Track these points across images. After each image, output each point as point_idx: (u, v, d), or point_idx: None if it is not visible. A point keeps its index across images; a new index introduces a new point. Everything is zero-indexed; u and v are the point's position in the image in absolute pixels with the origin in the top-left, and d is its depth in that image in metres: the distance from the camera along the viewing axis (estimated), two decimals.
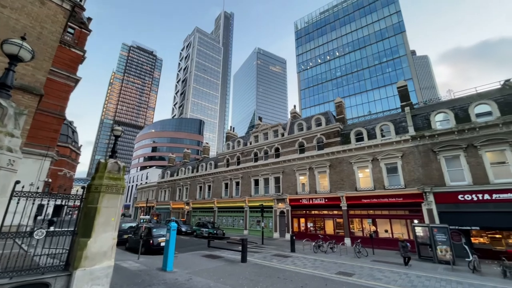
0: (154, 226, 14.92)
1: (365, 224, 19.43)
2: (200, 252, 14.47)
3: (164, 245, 9.82)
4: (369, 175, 19.85)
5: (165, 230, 11.63)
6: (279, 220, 24.83)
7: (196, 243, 19.60)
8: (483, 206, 14.62)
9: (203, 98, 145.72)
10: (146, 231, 14.04)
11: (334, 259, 13.33)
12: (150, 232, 14.00)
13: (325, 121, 24.57)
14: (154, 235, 13.80)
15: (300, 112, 60.82)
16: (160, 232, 14.14)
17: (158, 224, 20.32)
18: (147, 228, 14.29)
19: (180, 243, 18.35)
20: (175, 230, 10.00)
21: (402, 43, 51.20)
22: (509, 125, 14.70)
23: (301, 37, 71.43)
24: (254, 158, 29.90)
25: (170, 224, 9.96)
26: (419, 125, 18.42)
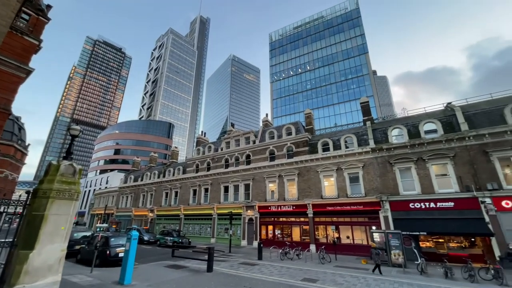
0: (112, 235, 13.74)
1: (329, 230, 20.29)
2: (163, 263, 13.67)
3: (123, 255, 9.07)
4: (334, 183, 20.93)
5: (125, 239, 10.78)
6: (247, 228, 24.69)
7: (159, 252, 18.48)
8: (430, 214, 16.34)
9: (174, 100, 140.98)
10: (102, 240, 12.85)
11: (300, 266, 13.61)
12: (107, 241, 12.84)
13: (295, 131, 25.47)
14: (112, 245, 12.68)
15: (272, 120, 62.20)
16: (119, 241, 13.05)
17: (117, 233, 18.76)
18: (104, 238, 13.09)
19: (141, 253, 17.14)
20: (136, 239, 9.32)
21: (365, 63, 56.06)
22: (450, 142, 16.85)
23: (275, 48, 73.88)
24: (224, 164, 29.57)
25: (131, 232, 9.27)
26: (378, 138, 20.11)
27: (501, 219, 14.37)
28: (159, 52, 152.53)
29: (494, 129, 15.59)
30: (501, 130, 15.41)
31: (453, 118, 17.62)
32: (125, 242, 9.44)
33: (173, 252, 14.39)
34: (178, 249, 16.99)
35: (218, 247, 21.73)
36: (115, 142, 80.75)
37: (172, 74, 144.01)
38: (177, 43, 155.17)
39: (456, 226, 15.18)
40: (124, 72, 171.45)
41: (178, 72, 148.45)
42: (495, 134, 15.59)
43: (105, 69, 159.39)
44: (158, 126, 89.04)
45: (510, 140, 15.14)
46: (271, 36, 76.69)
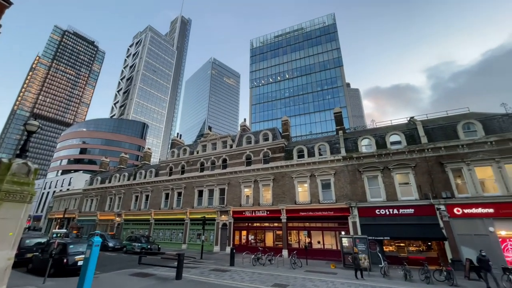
0: (71, 242, 12.66)
1: (301, 236, 20.71)
2: (129, 271, 12.88)
3: (82, 264, 8.38)
4: (307, 189, 21.52)
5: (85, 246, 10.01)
6: (221, 233, 24.28)
7: (125, 260, 17.40)
8: (393, 219, 17.47)
9: (149, 100, 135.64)
10: (59, 247, 11.76)
11: (271, 271, 13.67)
12: (65, 248, 11.80)
13: (272, 137, 25.86)
14: (70, 253, 11.67)
15: (250, 126, 62.55)
16: (79, 248, 12.06)
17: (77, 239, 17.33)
18: (62, 244, 12.01)
19: (105, 261, 15.99)
20: (99, 245, 8.68)
21: (339, 76, 59.19)
22: (412, 153, 18.31)
23: (255, 55, 74.94)
24: (200, 168, 28.96)
25: (93, 238, 8.64)
26: (349, 147, 21.19)
27: (453, 225, 15.82)
28: (136, 49, 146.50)
29: (448, 143, 17.29)
30: (454, 144, 17.13)
31: (415, 131, 19.21)
32: (86, 249, 8.75)
33: (140, 259, 13.63)
34: (146, 256, 16.15)
35: (189, 253, 21.04)
36: (82, 141, 75.21)
37: (149, 73, 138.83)
38: (155, 41, 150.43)
39: (415, 231, 16.40)
40: (95, 67, 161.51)
41: (155, 71, 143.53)
42: (449, 148, 17.28)
43: (74, 62, 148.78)
44: (131, 125, 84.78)
45: (462, 154, 16.88)
46: (252, 43, 77.73)
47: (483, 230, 15.14)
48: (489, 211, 15.21)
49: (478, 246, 14.95)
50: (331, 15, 67.91)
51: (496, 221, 15.06)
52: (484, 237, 15.00)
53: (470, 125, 17.38)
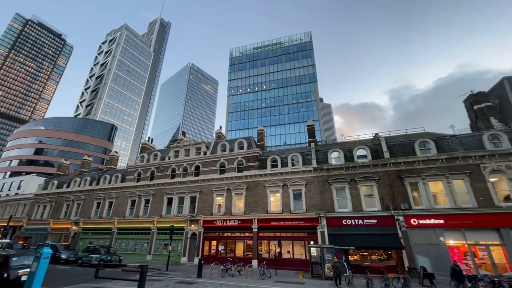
0: (14, 253, 11.23)
1: (272, 245, 20.75)
2: (83, 286, 11.73)
3: (27, 279, 7.47)
4: (279, 199, 21.82)
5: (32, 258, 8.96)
6: (189, 243, 23.35)
7: (80, 273, 15.82)
8: (358, 229, 18.38)
9: (120, 101, 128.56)
10: (0, 260, 10.37)
11: (240, 283, 13.43)
12: (6, 261, 10.41)
13: (247, 146, 25.99)
14: (12, 266, 10.31)
15: (226, 133, 62.26)
16: (24, 261, 10.72)
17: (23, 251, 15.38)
18: (2, 256, 10.60)
19: (56, 275, 14.38)
20: (48, 257, 7.82)
21: (314, 90, 62.30)
22: (376, 167, 19.67)
23: (234, 64, 75.80)
24: (171, 174, 27.89)
25: (42, 250, 7.78)
26: (320, 159, 22.10)
27: (410, 234, 17.10)
28: (109, 47, 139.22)
29: (407, 159, 18.93)
30: (412, 160, 18.81)
31: (379, 147, 20.74)
32: (32, 262, 7.84)
33: (97, 273, 12.50)
34: (104, 268, 14.87)
35: (154, 265, 19.83)
36: (38, 140, 68.19)
37: (122, 73, 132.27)
38: (131, 41, 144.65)
39: (377, 240, 17.41)
40: (61, 61, 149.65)
41: (129, 71, 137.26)
42: (408, 163, 18.92)
43: (36, 55, 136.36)
44: (97, 126, 79.14)
45: (418, 169, 18.56)
46: (231, 52, 78.61)
47: (435, 239, 16.59)
48: (440, 222, 16.78)
49: (431, 254, 16.32)
50: (308, 33, 71.73)
51: (445, 231, 16.62)
52: (435, 246, 16.42)
53: (425, 144, 19.27)
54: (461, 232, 16.31)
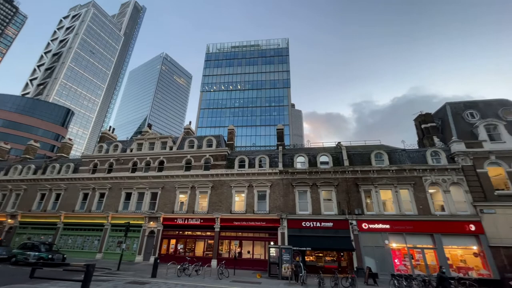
0: None
1: (232, 245, 20.79)
2: (13, 287, 10.43)
3: None
4: (244, 199, 21.98)
5: None
6: (146, 241, 22.22)
7: (11, 273, 14.03)
8: (315, 232, 19.39)
9: (81, 84, 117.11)
10: None
11: (197, 282, 13.22)
12: None
13: (216, 144, 25.69)
14: None
15: (196, 130, 60.73)
16: None
17: None
18: None
19: None
20: None
21: (286, 96, 64.26)
22: (336, 173, 21.00)
23: (210, 60, 74.44)
24: (132, 168, 26.26)
25: None
26: (286, 162, 22.84)
27: (360, 237, 18.58)
28: (72, 23, 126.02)
29: (364, 168, 20.57)
30: (367, 169, 20.49)
31: (340, 155, 22.18)
32: None
33: (32, 272, 11.22)
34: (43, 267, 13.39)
35: (104, 264, 18.47)
36: None
37: (85, 53, 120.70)
38: (99, 20, 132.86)
39: (332, 242, 18.57)
40: (10, 31, 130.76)
41: (93, 53, 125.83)
42: (364, 172, 20.56)
43: None
44: (50, 109, 70.76)
45: (372, 177, 20.29)
46: (208, 47, 77.09)
47: (381, 242, 18.26)
48: (386, 226, 18.53)
49: (376, 256, 17.92)
50: (285, 39, 73.73)
51: (390, 235, 18.41)
52: (381, 248, 18.09)
53: (380, 155, 21.15)
54: (403, 236, 18.24)
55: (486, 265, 16.55)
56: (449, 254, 17.46)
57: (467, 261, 17.30)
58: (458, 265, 17.23)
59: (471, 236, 17.45)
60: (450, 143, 20.33)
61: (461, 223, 17.66)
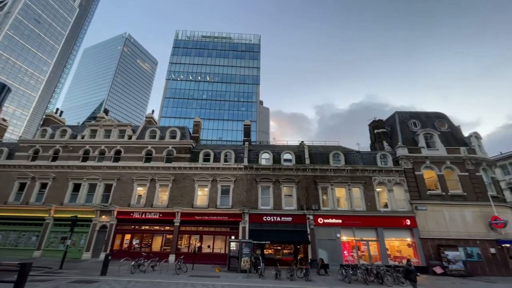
0: None
1: (192, 240, 20.45)
2: None
3: None
4: (207, 193, 21.72)
5: None
6: (96, 237, 20.51)
7: None
8: (275, 226, 20.17)
9: (21, 56, 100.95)
10: None
11: (152, 279, 12.75)
12: None
13: (180, 135, 24.74)
14: None
15: (159, 119, 57.42)
16: None
17: None
18: None
19: None
20: None
21: (255, 92, 64.73)
22: (297, 171, 22.07)
23: (179, 47, 70.72)
24: (82, 156, 23.81)
25: None
26: (252, 158, 23.18)
27: (316, 231, 19.91)
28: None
29: (322, 167, 22.01)
30: (326, 168, 21.99)
31: (302, 153, 23.33)
32: None
33: None
34: None
35: (44, 262, 16.60)
36: None
37: (28, 21, 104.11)
38: None
39: (290, 236, 19.55)
40: None
41: (39, 22, 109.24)
42: (323, 170, 22.01)
43: None
44: None
45: (329, 176, 21.83)
46: (177, 34, 73.10)
47: (333, 236, 19.85)
48: (339, 221, 20.19)
49: (329, 248, 19.43)
50: (257, 35, 73.85)
51: (342, 229, 20.12)
52: (333, 241, 19.67)
53: (338, 155, 22.83)
54: (352, 230, 20.11)
55: (416, 254, 19.25)
56: (389, 245, 19.86)
57: (402, 251, 19.90)
58: (395, 255, 19.71)
59: (406, 229, 20.06)
60: (396, 148, 22.92)
61: (400, 218, 20.16)
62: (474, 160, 21.54)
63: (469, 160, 21.52)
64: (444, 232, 19.45)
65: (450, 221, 19.76)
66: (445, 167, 21.60)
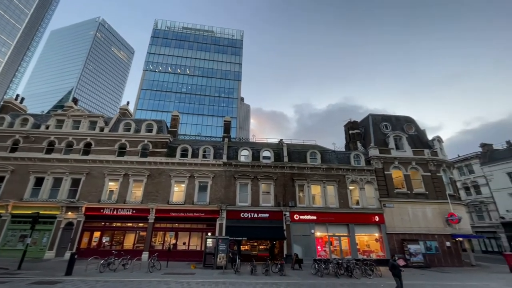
0: None
1: (167, 237, 19.96)
2: None
3: None
4: (184, 190, 21.27)
5: None
6: (61, 235, 19.18)
7: None
8: (253, 222, 20.37)
9: None
10: None
11: (123, 277, 12.26)
12: None
13: (157, 129, 23.86)
14: None
15: (134, 112, 54.78)
16: None
17: None
18: None
19: None
20: None
21: (236, 88, 64.20)
22: (276, 168, 22.43)
23: (158, 37, 67.70)
24: (46, 148, 22.02)
25: None
26: (231, 155, 23.09)
27: (291, 227, 20.45)
28: None
29: (300, 165, 22.60)
30: (303, 166, 22.61)
31: (281, 151, 23.73)
32: None
33: None
34: None
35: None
36: None
37: None
38: None
39: (266, 232, 19.87)
40: None
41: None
42: (300, 168, 22.60)
43: None
44: None
45: (306, 174, 22.49)
46: (157, 23, 69.90)
47: (308, 232, 20.54)
48: (313, 218, 20.93)
49: (303, 244, 20.08)
50: (240, 31, 73.11)
51: (316, 225, 20.89)
52: (307, 237, 20.36)
53: (314, 154, 23.57)
54: (326, 226, 20.96)
55: (383, 248, 20.62)
56: (358, 240, 21.03)
57: (370, 245, 21.18)
58: (364, 249, 20.93)
59: (375, 225, 21.37)
60: (368, 148, 24.20)
61: (369, 215, 21.40)
62: (436, 162, 23.48)
63: (431, 161, 23.41)
64: (408, 228, 21.03)
65: (413, 217, 21.40)
66: (411, 167, 23.28)
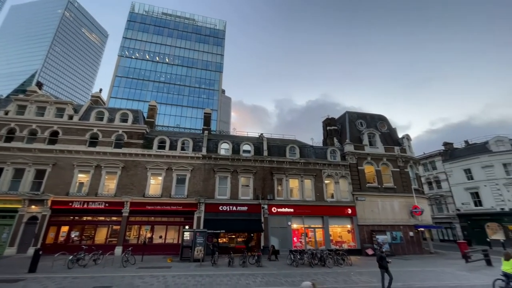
0: None
1: (143, 231, 19.42)
2: None
3: None
4: (161, 182, 20.71)
5: None
6: (24, 230, 17.84)
7: None
8: (231, 215, 20.49)
9: None
10: None
11: (93, 273, 11.78)
12: None
13: (133, 119, 22.79)
14: None
15: (108, 100, 51.56)
16: None
17: None
18: None
19: None
20: None
21: (218, 80, 62.82)
22: (256, 162, 22.63)
23: (135, 21, 63.70)
24: (6, 136, 20.10)
25: None
26: (210, 148, 22.82)
27: (269, 220, 20.90)
28: None
29: (279, 159, 23.01)
30: (282, 160, 23.05)
31: (261, 145, 23.92)
32: None
33: None
34: None
35: None
36: None
37: None
38: None
39: (244, 225, 20.13)
40: None
41: None
42: (279, 162, 23.02)
43: None
44: None
45: (285, 168, 22.97)
46: (133, 6, 65.64)
47: (285, 224, 21.15)
48: (290, 210, 21.56)
49: (280, 235, 20.65)
50: (223, 21, 71.24)
51: (293, 218, 21.55)
52: (284, 229, 20.97)
53: (293, 149, 24.09)
54: (302, 218, 21.72)
55: (354, 239, 21.89)
56: (332, 231, 22.09)
57: (342, 236, 22.37)
58: (337, 240, 22.06)
59: (347, 217, 22.56)
60: (344, 144, 25.25)
61: (343, 207, 22.52)
62: (404, 158, 25.18)
63: (400, 158, 25.06)
64: (377, 219, 22.49)
65: (382, 210, 22.91)
66: (382, 163, 24.75)
